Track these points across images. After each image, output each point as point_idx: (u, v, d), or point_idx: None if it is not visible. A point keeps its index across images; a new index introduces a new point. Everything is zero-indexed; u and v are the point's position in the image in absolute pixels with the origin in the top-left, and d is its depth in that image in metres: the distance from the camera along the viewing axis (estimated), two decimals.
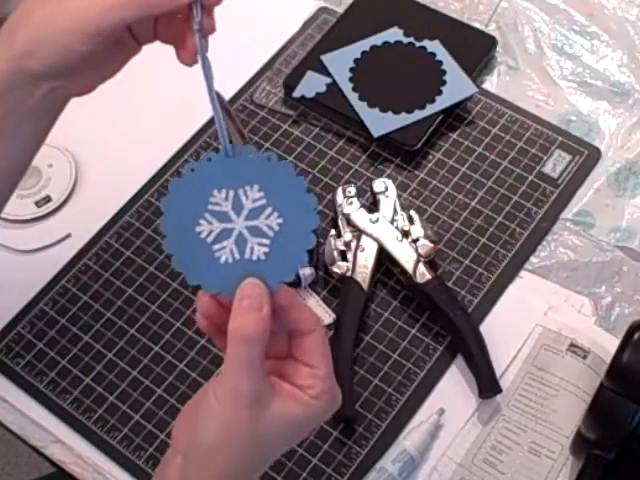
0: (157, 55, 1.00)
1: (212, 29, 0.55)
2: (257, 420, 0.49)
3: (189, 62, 0.57)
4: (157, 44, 0.99)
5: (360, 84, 0.86)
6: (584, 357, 0.73)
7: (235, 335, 0.49)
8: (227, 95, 0.89)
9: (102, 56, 0.57)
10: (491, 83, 0.90)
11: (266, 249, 0.50)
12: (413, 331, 0.76)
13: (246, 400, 0.49)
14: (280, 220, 0.50)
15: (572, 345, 0.74)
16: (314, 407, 0.51)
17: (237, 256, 0.50)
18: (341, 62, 0.88)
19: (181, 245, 0.51)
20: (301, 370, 0.51)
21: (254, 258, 0.50)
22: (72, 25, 0.54)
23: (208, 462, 0.50)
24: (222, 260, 0.50)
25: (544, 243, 0.80)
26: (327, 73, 0.88)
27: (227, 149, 0.51)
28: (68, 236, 0.82)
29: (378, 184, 0.79)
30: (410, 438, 0.69)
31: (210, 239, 0.50)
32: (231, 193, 0.50)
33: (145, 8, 0.54)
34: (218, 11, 0.55)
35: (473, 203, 0.82)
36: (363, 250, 0.76)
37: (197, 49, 0.54)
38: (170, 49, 0.61)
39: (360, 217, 0.77)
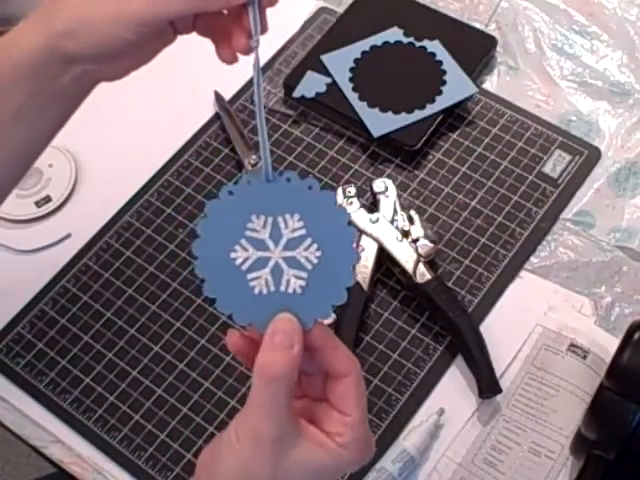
0: (157, 55, 0.99)
1: (265, 29, 0.53)
2: (278, 463, 0.47)
3: (230, 60, 0.55)
4: None
5: (360, 84, 0.86)
6: (584, 357, 0.73)
7: (261, 373, 0.46)
8: (227, 95, 0.89)
9: (141, 44, 0.55)
10: (491, 83, 0.90)
11: (303, 283, 0.48)
12: (413, 331, 0.76)
13: (267, 442, 0.47)
14: (319, 253, 0.48)
15: (572, 345, 0.74)
16: (341, 455, 0.48)
17: (272, 288, 0.48)
18: (341, 62, 0.88)
19: (214, 270, 0.48)
20: (332, 415, 0.49)
21: (290, 291, 0.48)
22: (120, 11, 0.52)
23: None
24: (256, 291, 0.48)
25: (544, 243, 0.80)
26: (327, 73, 0.88)
27: (268, 173, 0.49)
28: (68, 236, 0.82)
29: (378, 184, 0.79)
30: (410, 438, 0.69)
31: (245, 267, 0.48)
32: (270, 220, 0.48)
33: (197, 4, 0.52)
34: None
35: (473, 203, 0.82)
36: (363, 250, 0.76)
37: (247, 53, 0.53)
38: (170, 49, 0.61)
39: (360, 217, 0.77)
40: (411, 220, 0.77)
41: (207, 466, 0.50)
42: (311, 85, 0.87)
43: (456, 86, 0.86)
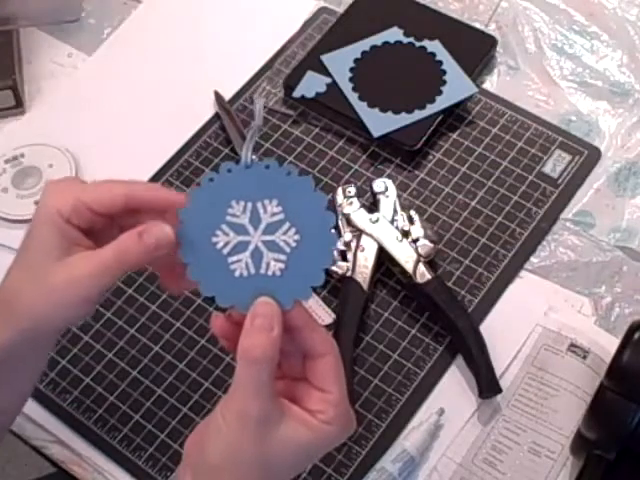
0: (157, 55, 1.00)
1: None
2: (264, 442, 0.49)
3: (176, 293, 0.56)
4: (156, 45, 0.99)
5: (360, 84, 0.86)
6: (584, 357, 0.73)
7: (244, 356, 0.48)
8: (227, 95, 0.89)
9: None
10: (491, 83, 0.90)
11: (282, 265, 0.50)
12: (413, 331, 0.76)
13: (253, 422, 0.48)
14: (297, 237, 0.50)
15: (572, 345, 0.74)
16: (325, 432, 0.50)
17: (252, 270, 0.50)
18: (341, 62, 0.88)
19: (196, 255, 0.50)
20: (313, 394, 0.51)
21: (269, 273, 0.50)
22: (67, 299, 0.52)
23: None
24: (237, 274, 0.50)
25: (544, 243, 0.80)
26: (327, 73, 0.88)
27: (247, 160, 0.50)
28: None
29: (378, 184, 0.79)
30: (410, 438, 0.69)
31: (226, 251, 0.50)
32: (249, 205, 0.50)
33: (127, 267, 0.52)
34: (218, 11, 0.55)
35: (473, 203, 0.82)
36: (363, 250, 0.76)
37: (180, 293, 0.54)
38: (170, 48, 0.61)
39: (360, 217, 0.77)
40: (411, 220, 0.77)
41: (194, 451, 0.51)
42: (311, 85, 0.87)
43: (456, 86, 0.86)
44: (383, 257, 0.77)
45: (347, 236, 0.77)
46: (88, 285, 0.51)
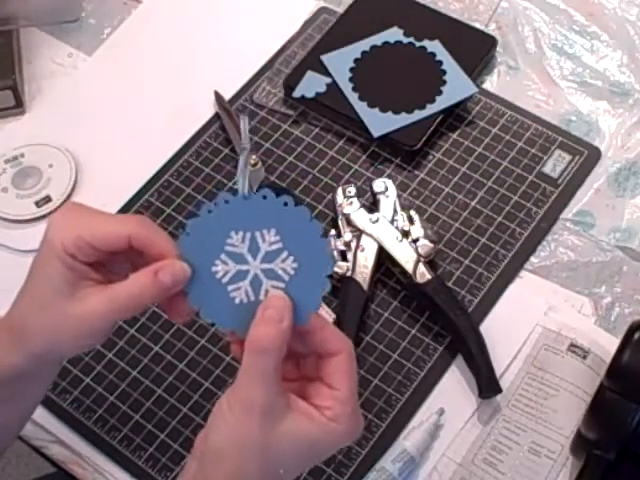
0: (157, 55, 1.00)
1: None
2: (267, 431, 0.49)
3: (180, 320, 0.56)
4: (156, 45, 0.99)
5: (360, 84, 0.86)
6: (584, 357, 0.73)
7: (252, 345, 0.49)
8: (227, 95, 0.89)
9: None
10: (491, 83, 0.90)
11: (281, 292, 0.51)
12: (413, 331, 0.76)
13: (257, 411, 0.49)
14: (295, 265, 0.51)
15: (572, 345, 0.74)
16: (329, 428, 0.50)
17: (252, 298, 0.52)
18: (341, 62, 0.88)
19: (197, 283, 0.52)
20: (322, 391, 0.51)
21: None
22: (79, 333, 0.53)
23: (218, 466, 0.50)
24: (237, 301, 0.52)
25: (544, 243, 0.80)
26: (327, 73, 0.88)
27: (244, 192, 0.52)
28: None
29: (378, 184, 0.79)
30: (410, 438, 0.69)
31: (226, 279, 0.52)
32: (248, 235, 0.51)
33: (142, 306, 0.53)
34: (218, 11, 0.55)
35: (473, 203, 0.82)
36: (363, 250, 0.76)
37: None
38: (170, 48, 0.61)
39: (360, 217, 0.77)
40: (411, 220, 0.77)
41: (200, 442, 0.51)
42: (311, 85, 0.87)
43: (456, 86, 0.86)
44: (383, 257, 0.77)
45: (347, 236, 0.77)
46: (99, 321, 0.52)
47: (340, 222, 0.78)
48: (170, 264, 0.51)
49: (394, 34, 0.90)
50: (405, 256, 0.76)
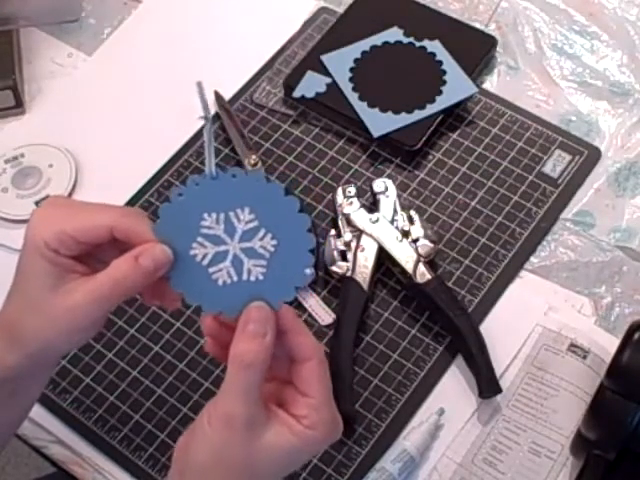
0: (157, 55, 1.00)
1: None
2: (249, 446, 0.49)
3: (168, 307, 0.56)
4: (156, 45, 0.99)
5: (360, 84, 0.86)
6: (584, 357, 0.73)
7: (236, 361, 0.49)
8: (227, 95, 0.89)
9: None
10: (491, 83, 0.90)
11: (263, 270, 0.51)
12: (413, 331, 0.76)
13: (239, 425, 0.49)
14: (275, 242, 0.51)
15: (572, 345, 0.74)
16: (309, 437, 0.50)
17: (235, 278, 0.51)
18: (341, 62, 0.88)
19: (177, 268, 0.51)
20: (297, 399, 0.51)
21: (252, 279, 0.51)
22: (69, 327, 0.52)
23: None
24: (220, 282, 0.51)
25: (544, 243, 0.80)
26: (327, 73, 0.88)
27: (211, 171, 0.51)
28: None
29: (378, 184, 0.79)
30: (410, 438, 0.69)
31: (206, 262, 0.51)
32: (222, 216, 0.51)
33: (125, 292, 0.52)
34: (218, 11, 0.56)
35: (473, 203, 0.82)
36: (363, 250, 0.76)
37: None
38: (170, 48, 0.61)
39: (360, 217, 0.77)
40: (411, 220, 0.77)
41: (181, 455, 0.51)
42: (311, 85, 0.87)
43: (456, 86, 0.86)
44: (383, 257, 0.77)
45: (347, 236, 0.77)
46: (87, 313, 0.52)
47: (340, 222, 0.78)
48: (150, 247, 0.50)
49: (394, 34, 0.90)
50: (405, 256, 0.76)
